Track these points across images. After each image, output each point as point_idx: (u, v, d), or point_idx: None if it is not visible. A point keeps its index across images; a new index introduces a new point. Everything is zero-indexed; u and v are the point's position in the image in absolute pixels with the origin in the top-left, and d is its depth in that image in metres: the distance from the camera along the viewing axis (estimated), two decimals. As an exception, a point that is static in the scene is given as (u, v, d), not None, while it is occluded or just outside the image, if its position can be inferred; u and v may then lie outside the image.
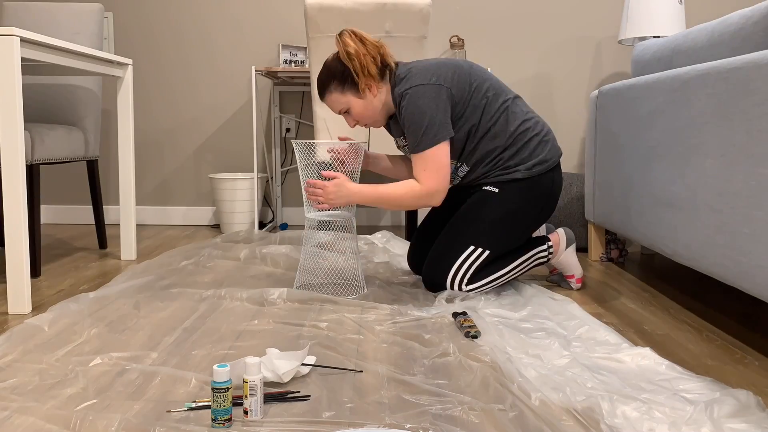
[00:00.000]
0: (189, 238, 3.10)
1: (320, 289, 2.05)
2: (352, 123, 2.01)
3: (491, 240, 1.95)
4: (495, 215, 1.95)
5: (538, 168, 1.95)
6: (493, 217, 1.95)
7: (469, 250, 1.94)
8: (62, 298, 1.98)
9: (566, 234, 2.13)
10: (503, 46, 3.47)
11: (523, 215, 1.97)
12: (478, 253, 1.94)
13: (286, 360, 1.30)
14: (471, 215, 1.97)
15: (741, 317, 1.86)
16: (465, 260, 1.94)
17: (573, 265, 2.13)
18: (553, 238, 2.10)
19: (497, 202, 1.95)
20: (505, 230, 1.96)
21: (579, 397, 1.22)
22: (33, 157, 2.24)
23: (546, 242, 2.07)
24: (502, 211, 1.95)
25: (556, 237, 2.10)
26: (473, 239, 1.95)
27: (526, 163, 1.95)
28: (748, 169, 1.48)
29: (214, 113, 3.54)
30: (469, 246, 1.94)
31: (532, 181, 1.95)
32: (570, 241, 2.13)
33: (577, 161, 3.53)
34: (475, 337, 1.58)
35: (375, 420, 1.15)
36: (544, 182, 1.97)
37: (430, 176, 1.87)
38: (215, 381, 1.11)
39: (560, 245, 2.10)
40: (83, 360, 1.41)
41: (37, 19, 2.67)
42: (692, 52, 1.94)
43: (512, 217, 1.95)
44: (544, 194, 1.97)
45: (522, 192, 1.95)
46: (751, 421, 1.12)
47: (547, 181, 1.97)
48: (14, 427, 1.10)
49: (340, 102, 1.96)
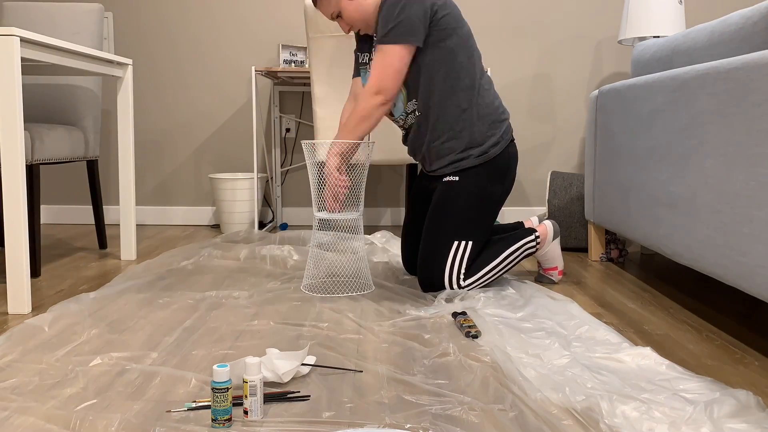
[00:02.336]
0: (189, 238, 3.10)
1: (328, 288, 2.06)
2: (346, 28, 2.04)
3: (469, 230, 1.98)
4: (463, 205, 1.98)
5: (492, 150, 2.00)
6: (462, 207, 1.98)
7: (454, 247, 1.97)
8: (62, 298, 1.98)
9: (553, 226, 2.18)
10: (503, 46, 3.47)
11: (487, 196, 2.01)
12: (463, 246, 1.98)
13: (286, 360, 1.30)
14: (441, 212, 2.00)
15: (741, 317, 1.86)
16: (455, 257, 1.97)
17: (557, 257, 2.20)
18: (540, 229, 2.14)
19: (460, 190, 1.99)
20: (477, 215, 2.00)
21: (578, 396, 1.22)
22: (33, 157, 2.24)
23: (533, 233, 2.12)
24: (468, 199, 1.98)
25: (543, 228, 2.15)
26: (453, 235, 1.98)
27: (480, 147, 2.00)
28: (748, 169, 1.48)
29: (214, 113, 3.54)
30: (452, 242, 1.97)
31: (489, 163, 2.00)
32: (556, 234, 2.19)
33: (577, 161, 3.53)
34: (475, 337, 1.59)
35: (375, 420, 1.15)
36: (499, 159, 2.02)
37: (379, 73, 1.90)
38: (215, 381, 1.11)
39: (547, 237, 2.15)
40: (83, 360, 1.41)
41: (37, 19, 2.67)
42: (692, 52, 1.94)
43: (478, 201, 1.99)
44: (503, 169, 2.03)
45: (481, 175, 1.99)
46: (750, 421, 1.12)
47: (503, 156, 2.02)
48: (14, 427, 1.10)
49: (331, 5, 1.99)
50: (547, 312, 1.80)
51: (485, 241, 2.04)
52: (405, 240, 2.25)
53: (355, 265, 2.24)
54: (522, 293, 2.00)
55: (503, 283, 2.12)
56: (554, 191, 2.84)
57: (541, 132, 3.51)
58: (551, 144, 3.51)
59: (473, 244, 1.99)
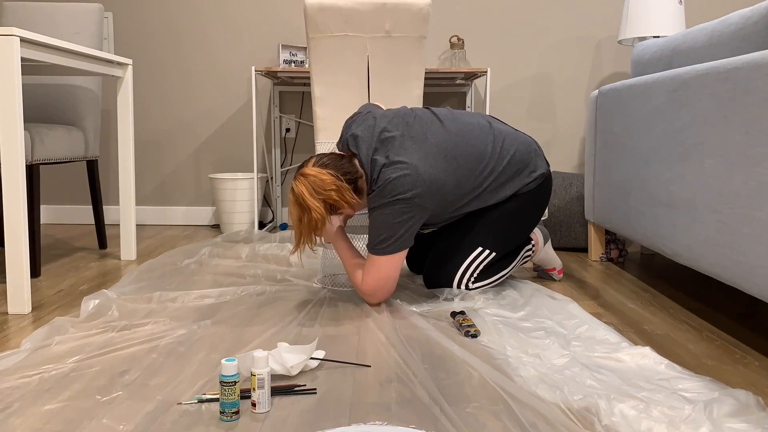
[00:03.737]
0: (189, 238, 3.10)
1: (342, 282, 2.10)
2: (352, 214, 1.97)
3: (498, 241, 1.99)
4: (499, 217, 1.98)
5: (534, 182, 1.99)
6: (498, 218, 1.98)
7: (477, 251, 1.98)
8: (62, 298, 1.98)
9: (541, 232, 2.23)
10: (503, 46, 3.47)
11: (527, 217, 2.02)
12: (486, 254, 1.99)
13: (295, 353, 1.33)
14: (475, 217, 1.99)
15: (741, 317, 1.86)
16: (473, 261, 1.98)
17: (552, 258, 2.25)
18: (533, 237, 2.19)
19: (506, 206, 1.99)
20: (510, 231, 2.01)
21: (577, 395, 1.22)
22: (33, 157, 2.24)
23: (530, 242, 2.17)
24: (506, 213, 1.98)
25: (534, 236, 2.20)
26: (482, 242, 1.98)
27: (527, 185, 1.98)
28: (748, 169, 1.48)
29: (214, 113, 3.55)
30: (477, 247, 1.98)
31: (533, 192, 2.00)
32: (546, 238, 2.24)
33: (577, 161, 3.53)
34: (474, 336, 1.59)
35: (376, 418, 1.15)
36: (543, 189, 2.03)
37: (372, 281, 1.82)
38: (223, 374, 1.13)
39: (539, 242, 2.20)
40: (84, 360, 1.41)
41: (37, 19, 2.67)
42: (692, 52, 1.94)
43: (519, 219, 2.00)
44: (544, 196, 2.04)
45: (528, 200, 2.00)
46: (750, 420, 1.12)
47: (546, 184, 2.04)
48: (14, 427, 1.10)
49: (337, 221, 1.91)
50: (546, 311, 1.80)
51: None
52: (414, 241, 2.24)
53: None
54: (522, 293, 2.00)
55: (503, 282, 2.13)
56: (554, 191, 2.84)
57: (541, 132, 3.51)
58: (551, 144, 3.51)
59: (495, 256, 2.01)
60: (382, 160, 1.81)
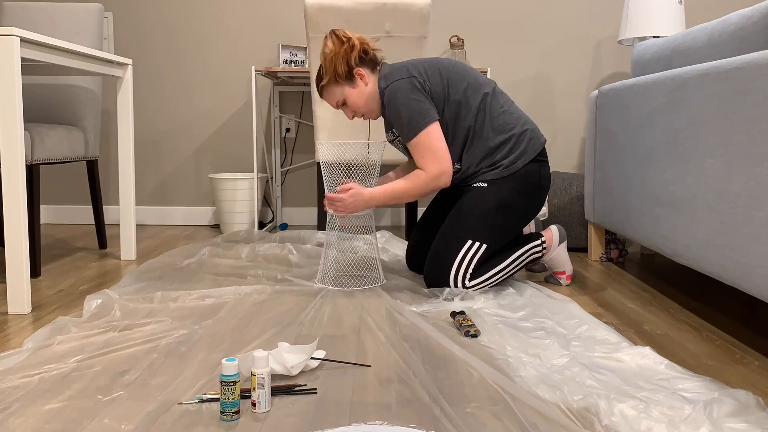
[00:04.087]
0: (189, 238, 3.10)
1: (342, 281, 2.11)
2: (350, 115, 2.10)
3: (487, 233, 1.99)
4: (487, 208, 1.99)
5: (520, 161, 2.01)
6: (486, 210, 1.99)
7: (467, 245, 1.98)
8: (62, 298, 1.98)
9: (558, 231, 2.19)
10: (503, 46, 3.47)
11: (513, 206, 2.01)
12: (476, 247, 1.99)
13: (295, 353, 1.33)
14: (464, 211, 2.01)
15: (741, 317, 1.86)
16: (465, 256, 1.98)
17: (564, 261, 2.20)
18: (546, 234, 2.16)
19: (488, 195, 2.00)
20: (499, 222, 2.01)
21: (577, 395, 1.22)
22: (33, 157, 2.24)
23: (540, 238, 2.13)
24: (494, 204, 1.99)
25: (549, 233, 2.17)
26: (470, 234, 1.98)
27: (508, 158, 2.01)
28: (748, 169, 1.48)
29: (214, 113, 3.55)
30: (466, 241, 1.98)
31: (518, 174, 2.01)
32: (562, 238, 2.19)
33: (577, 161, 3.53)
34: (474, 336, 1.59)
35: (376, 418, 1.15)
36: (530, 174, 2.02)
37: (429, 161, 1.95)
38: (223, 374, 1.13)
39: (553, 241, 2.17)
40: (84, 360, 1.41)
41: (37, 19, 2.67)
42: (692, 52, 1.94)
43: (504, 208, 2.00)
44: (532, 185, 2.03)
45: (509, 185, 2.00)
46: (750, 420, 1.12)
47: (533, 173, 2.03)
48: (14, 427, 1.11)
49: (335, 93, 2.05)
50: (546, 311, 1.80)
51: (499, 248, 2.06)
52: (414, 242, 2.26)
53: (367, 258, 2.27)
54: (521, 293, 2.00)
55: (503, 282, 2.13)
56: (554, 191, 2.84)
57: (541, 131, 3.51)
58: (551, 144, 3.51)
59: (486, 248, 2.00)
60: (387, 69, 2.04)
